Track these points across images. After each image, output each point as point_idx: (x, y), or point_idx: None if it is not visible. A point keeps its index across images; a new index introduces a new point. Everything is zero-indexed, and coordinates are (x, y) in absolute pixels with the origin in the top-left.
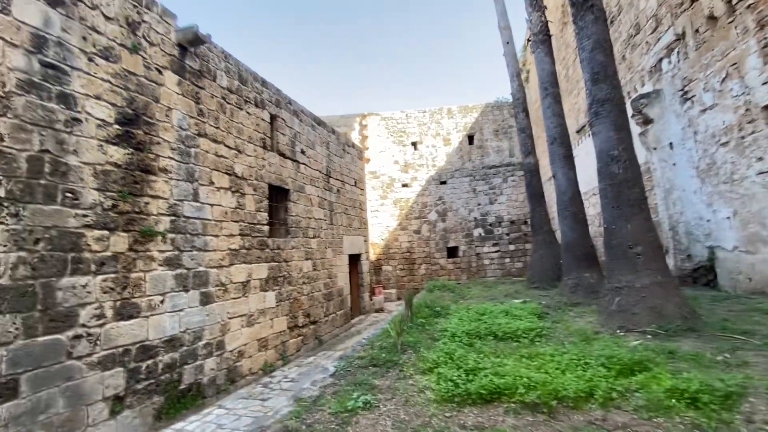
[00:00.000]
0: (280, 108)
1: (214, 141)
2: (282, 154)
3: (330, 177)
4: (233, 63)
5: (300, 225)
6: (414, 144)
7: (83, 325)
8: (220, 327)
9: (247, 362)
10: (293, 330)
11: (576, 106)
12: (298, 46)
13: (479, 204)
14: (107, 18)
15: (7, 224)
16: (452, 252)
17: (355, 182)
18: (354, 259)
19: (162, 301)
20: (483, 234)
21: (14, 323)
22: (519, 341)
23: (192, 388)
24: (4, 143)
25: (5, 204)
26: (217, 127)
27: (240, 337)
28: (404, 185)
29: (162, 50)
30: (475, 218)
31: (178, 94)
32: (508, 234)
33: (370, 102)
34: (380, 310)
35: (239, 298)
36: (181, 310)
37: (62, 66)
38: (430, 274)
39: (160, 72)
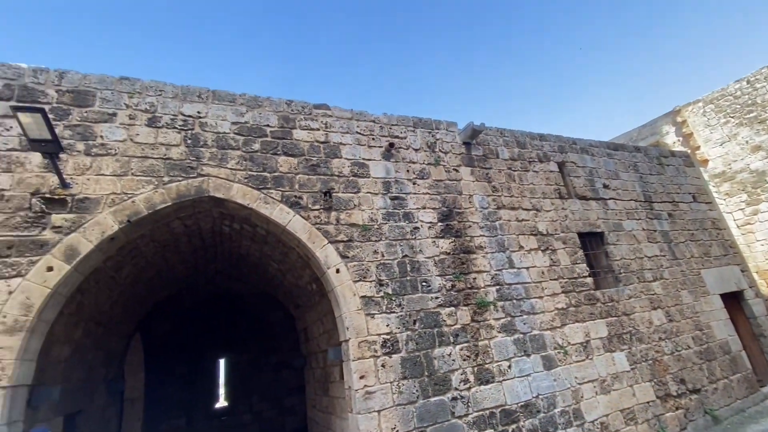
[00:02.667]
0: (565, 153)
1: (512, 208)
2: (582, 197)
3: (651, 202)
4: (509, 134)
5: (630, 268)
6: None
7: (456, 389)
8: (571, 393)
9: None
10: (666, 400)
11: None
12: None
13: None
14: (416, 150)
15: (397, 312)
16: None
17: (693, 197)
18: (731, 299)
19: (509, 366)
20: None
21: (415, 386)
22: None
23: None
24: (384, 257)
25: (393, 297)
26: (511, 196)
27: (597, 405)
28: None
29: (453, 153)
30: None
31: (473, 181)
32: None
33: (669, 97)
34: None
35: (583, 361)
36: (528, 375)
37: (401, 195)
38: None
39: (456, 171)
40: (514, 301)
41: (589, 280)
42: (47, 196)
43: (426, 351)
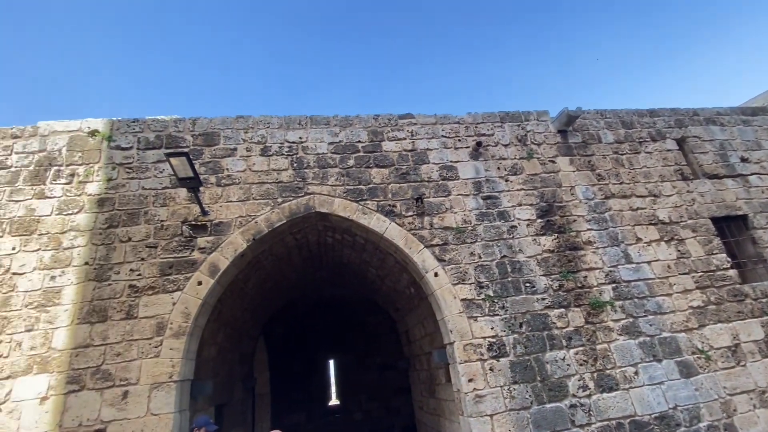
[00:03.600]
0: (684, 127)
1: (623, 197)
2: (713, 176)
3: None
4: (611, 115)
5: None
6: None
7: (573, 395)
8: (720, 406)
9: None
10: None
11: None
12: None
13: None
14: (505, 146)
15: (501, 315)
16: None
17: None
18: None
19: (635, 373)
20: None
21: (527, 392)
22: None
23: None
24: (482, 259)
25: (495, 299)
26: (620, 183)
27: (757, 421)
28: None
29: (548, 144)
30: None
31: (573, 171)
32: None
33: None
34: None
35: (732, 368)
36: (660, 383)
37: (494, 194)
38: None
39: (553, 162)
40: (636, 300)
41: (732, 272)
42: (193, 223)
43: (536, 355)
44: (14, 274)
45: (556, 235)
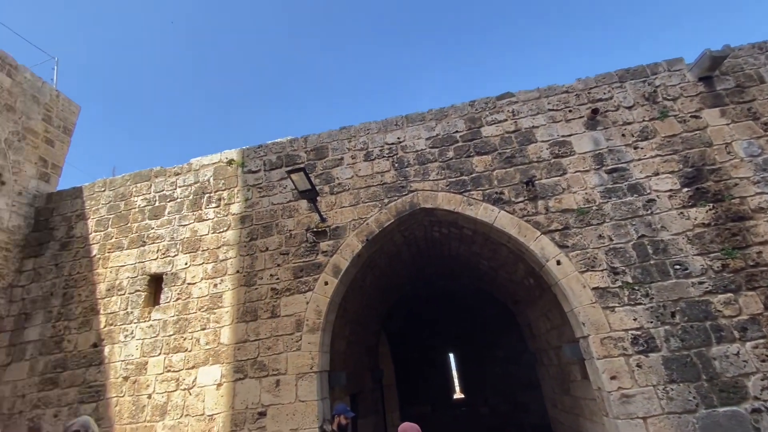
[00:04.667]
0: None
1: None
2: None
3: None
4: None
5: None
6: None
7: (756, 398)
8: None
9: None
10: None
11: None
12: None
13: None
14: (628, 108)
15: (645, 304)
16: None
17: None
18: None
19: None
20: None
21: (690, 392)
22: None
23: None
24: (613, 241)
25: (636, 286)
26: None
27: None
28: None
29: (686, 97)
30: None
31: (727, 124)
32: None
33: None
34: None
35: None
36: None
37: (620, 165)
38: None
39: (696, 117)
40: None
41: None
42: (314, 229)
43: (698, 349)
44: (189, 284)
45: (710, 205)
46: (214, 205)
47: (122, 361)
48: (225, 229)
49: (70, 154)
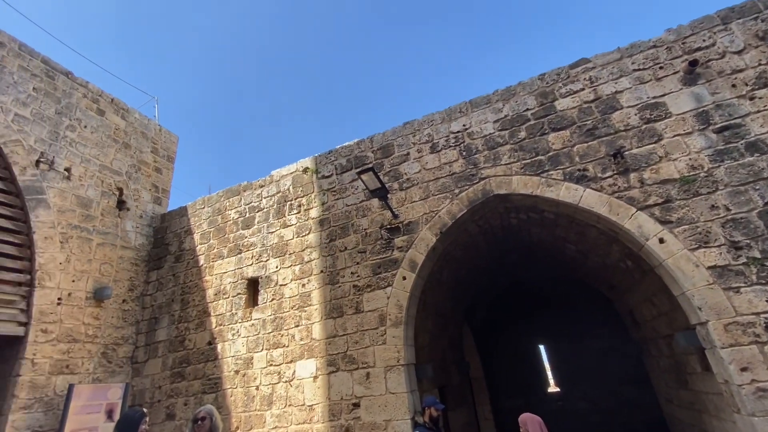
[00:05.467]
0: None
1: None
2: None
3: None
4: None
5: None
6: None
7: None
8: None
9: None
10: None
11: None
12: None
13: None
14: (737, 53)
15: None
16: None
17: None
18: None
19: None
20: None
21: None
22: None
23: None
24: (731, 211)
25: (767, 263)
26: None
27: None
28: None
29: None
30: None
31: None
32: None
33: None
34: None
35: None
36: None
37: (733, 122)
38: None
39: None
40: None
41: None
42: (388, 226)
43: None
44: (281, 285)
45: None
46: (295, 211)
47: (232, 356)
48: (307, 232)
49: (174, 178)
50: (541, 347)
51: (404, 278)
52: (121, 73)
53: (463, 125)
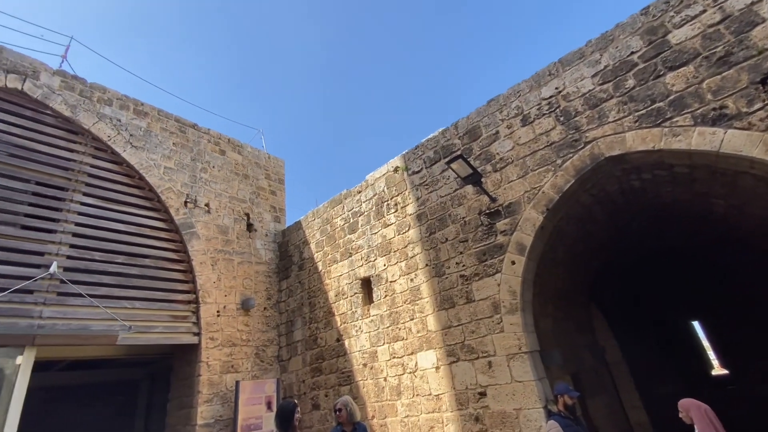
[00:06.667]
0: None
1: None
2: None
3: None
4: None
5: None
6: None
7: None
8: None
9: None
10: None
11: None
12: None
13: None
14: None
15: None
16: None
17: None
18: None
19: None
20: None
21: None
22: None
23: None
24: None
25: None
26: None
27: None
28: None
29: None
30: None
31: None
32: None
33: None
34: None
35: None
36: None
37: None
38: None
39: None
40: None
41: None
42: (487, 211)
43: None
44: (390, 282)
45: None
46: (393, 210)
47: (358, 351)
48: (406, 229)
49: (286, 197)
50: (695, 323)
51: (513, 263)
52: (227, 113)
53: (556, 88)
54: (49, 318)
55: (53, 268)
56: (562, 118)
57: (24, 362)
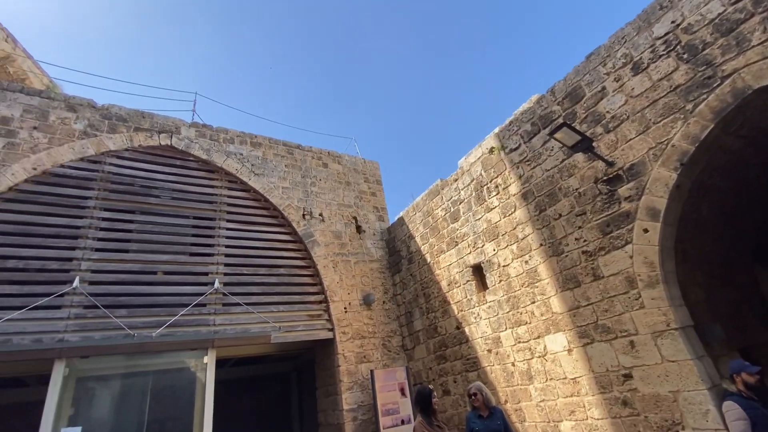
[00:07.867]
0: None
1: None
2: None
3: None
4: None
5: None
6: None
7: None
8: None
9: None
10: None
11: None
12: None
13: None
14: None
15: None
16: None
17: None
18: None
19: None
20: None
21: None
22: None
23: None
24: None
25: None
26: None
27: None
28: None
29: None
30: None
31: None
32: None
33: None
34: None
35: None
36: None
37: None
38: None
39: None
40: None
41: None
42: (604, 178)
43: None
44: (503, 266)
45: None
46: (494, 193)
47: (480, 337)
48: (512, 210)
49: (385, 196)
50: None
51: (646, 231)
52: (317, 127)
53: (672, 22)
54: (220, 325)
55: (217, 284)
56: (686, 56)
57: (209, 360)
